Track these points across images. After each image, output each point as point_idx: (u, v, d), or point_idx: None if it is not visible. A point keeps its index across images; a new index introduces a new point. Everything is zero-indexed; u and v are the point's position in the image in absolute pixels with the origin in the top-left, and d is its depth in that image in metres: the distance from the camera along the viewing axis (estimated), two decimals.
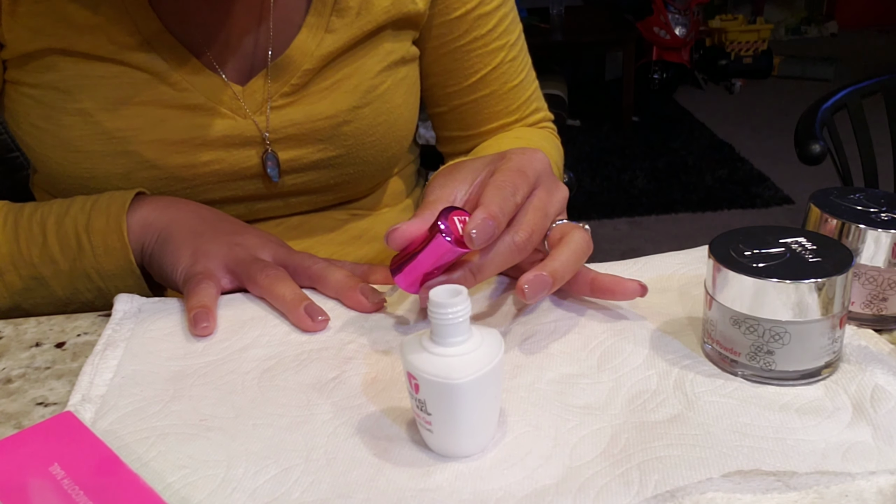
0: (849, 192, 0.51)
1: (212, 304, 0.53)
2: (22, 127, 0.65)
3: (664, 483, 0.37)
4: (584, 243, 0.50)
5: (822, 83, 3.94)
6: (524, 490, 0.38)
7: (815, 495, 0.36)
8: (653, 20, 3.82)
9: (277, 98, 0.66)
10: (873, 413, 0.41)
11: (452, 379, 0.38)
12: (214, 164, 0.65)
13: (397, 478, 0.39)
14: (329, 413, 0.44)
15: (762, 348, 0.44)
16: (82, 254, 0.58)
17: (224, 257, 0.57)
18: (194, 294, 0.53)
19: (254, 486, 0.39)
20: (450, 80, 0.74)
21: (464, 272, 0.47)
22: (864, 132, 1.32)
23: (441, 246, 0.46)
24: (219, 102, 0.65)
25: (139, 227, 0.58)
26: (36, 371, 0.49)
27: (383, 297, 0.54)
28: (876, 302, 0.49)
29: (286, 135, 0.66)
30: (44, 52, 0.61)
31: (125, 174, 0.64)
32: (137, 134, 0.63)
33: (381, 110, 0.69)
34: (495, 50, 0.73)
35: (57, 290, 0.59)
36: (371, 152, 0.70)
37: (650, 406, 0.43)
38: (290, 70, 0.66)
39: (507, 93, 0.76)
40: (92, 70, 0.62)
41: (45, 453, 0.39)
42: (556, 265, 0.47)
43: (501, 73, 0.75)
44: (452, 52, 0.73)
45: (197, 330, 0.51)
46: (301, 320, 0.52)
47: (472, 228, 0.44)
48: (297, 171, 0.68)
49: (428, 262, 0.47)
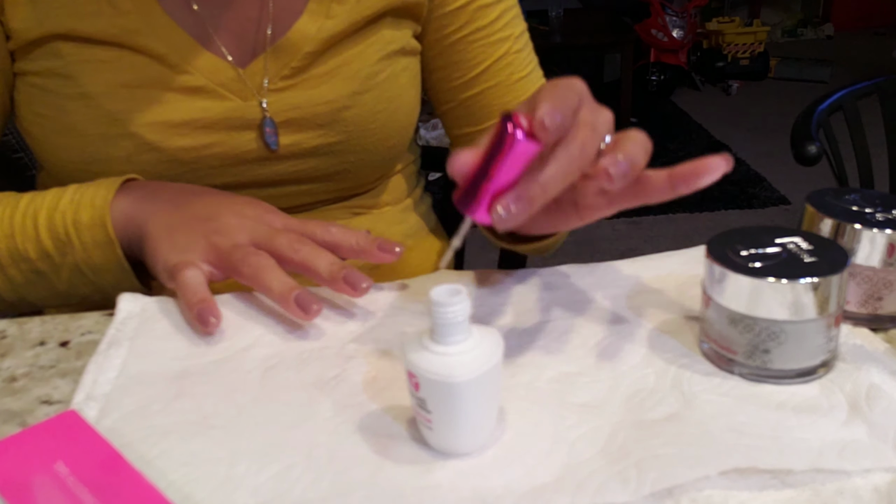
0: (844, 193, 0.52)
1: (207, 294, 0.52)
2: (26, 116, 0.65)
3: (661, 481, 0.38)
4: (644, 137, 0.45)
5: (818, 85, 3.95)
6: (523, 487, 0.38)
7: (811, 493, 0.37)
8: (650, 23, 3.82)
9: (278, 80, 0.66)
10: (868, 411, 0.42)
11: (452, 378, 0.38)
12: (216, 146, 0.66)
13: (398, 475, 0.39)
14: (330, 411, 0.44)
15: (759, 347, 0.44)
16: (72, 249, 0.58)
17: (202, 250, 0.55)
18: (186, 288, 0.52)
19: (256, 483, 0.39)
20: (454, 73, 0.74)
21: (533, 186, 0.42)
22: (859, 133, 1.33)
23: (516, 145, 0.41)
24: (220, 84, 0.65)
25: (122, 221, 0.58)
26: (40, 369, 0.49)
27: (370, 281, 0.53)
28: (871, 301, 0.49)
29: (286, 118, 0.67)
30: (47, 39, 0.62)
31: (126, 157, 0.64)
32: (139, 117, 0.63)
33: (382, 98, 0.69)
34: (498, 41, 0.73)
35: (56, 284, 0.59)
36: (372, 140, 0.70)
37: (648, 404, 0.43)
38: (290, 52, 0.66)
39: (514, 84, 0.75)
40: (93, 54, 0.63)
41: (50, 451, 0.39)
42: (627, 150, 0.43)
43: (507, 65, 0.74)
44: (454, 43, 0.73)
45: (207, 328, 0.50)
46: (294, 312, 0.51)
47: (543, 114, 0.40)
48: (298, 157, 0.69)
49: (502, 171, 0.41)
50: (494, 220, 0.42)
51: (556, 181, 0.43)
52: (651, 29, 3.82)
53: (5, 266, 0.59)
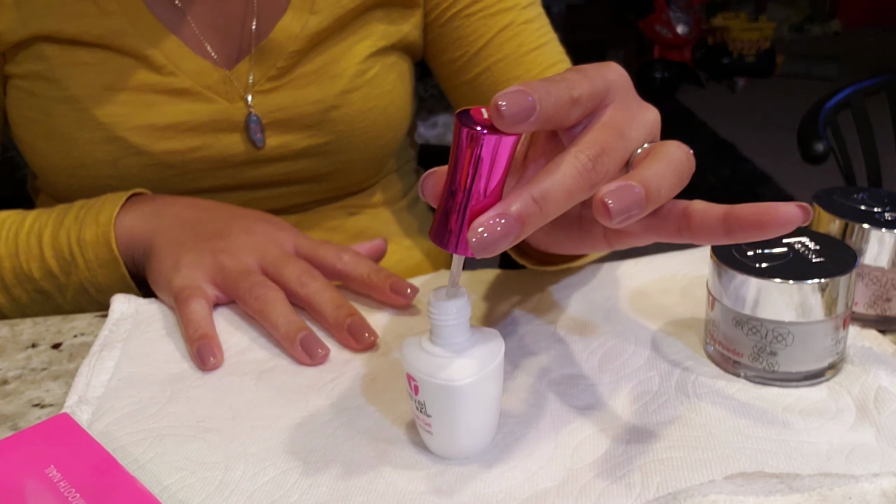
0: (852, 192, 0.51)
1: (210, 329, 0.50)
2: (14, 120, 0.65)
3: (666, 485, 0.37)
4: (682, 155, 0.36)
5: (825, 82, 3.93)
6: (525, 492, 0.37)
7: (819, 497, 0.36)
8: (655, 18, 3.81)
9: (264, 82, 0.65)
10: (877, 415, 0.41)
11: (452, 381, 0.37)
12: (202, 149, 0.65)
13: (397, 480, 0.38)
14: (328, 415, 0.43)
15: (765, 349, 0.43)
16: (77, 268, 0.56)
17: (208, 269, 0.53)
18: (189, 321, 0.50)
19: (252, 488, 0.38)
20: (457, 52, 0.71)
21: (524, 200, 0.33)
22: (867, 131, 1.32)
23: (477, 145, 0.32)
24: (206, 87, 0.64)
25: (126, 237, 0.56)
26: (32, 372, 0.49)
27: (375, 335, 0.50)
28: (880, 302, 0.49)
29: (273, 119, 0.66)
30: (32, 41, 0.62)
31: (113, 161, 0.63)
32: (124, 120, 0.62)
33: (371, 95, 0.68)
34: (500, 12, 0.69)
35: (62, 304, 0.58)
36: (362, 139, 0.69)
37: (652, 408, 0.43)
38: (275, 53, 0.65)
39: (523, 56, 0.69)
40: (78, 57, 0.62)
41: (42, 455, 0.38)
42: (647, 174, 0.34)
43: (513, 35, 0.70)
44: (451, 19, 0.70)
45: (205, 367, 0.47)
46: (299, 356, 0.48)
47: (500, 98, 0.32)
48: (287, 159, 0.67)
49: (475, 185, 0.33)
50: (473, 247, 0.32)
51: (557, 198, 0.33)
52: (655, 25, 3.81)
53: (10, 286, 0.58)
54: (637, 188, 0.33)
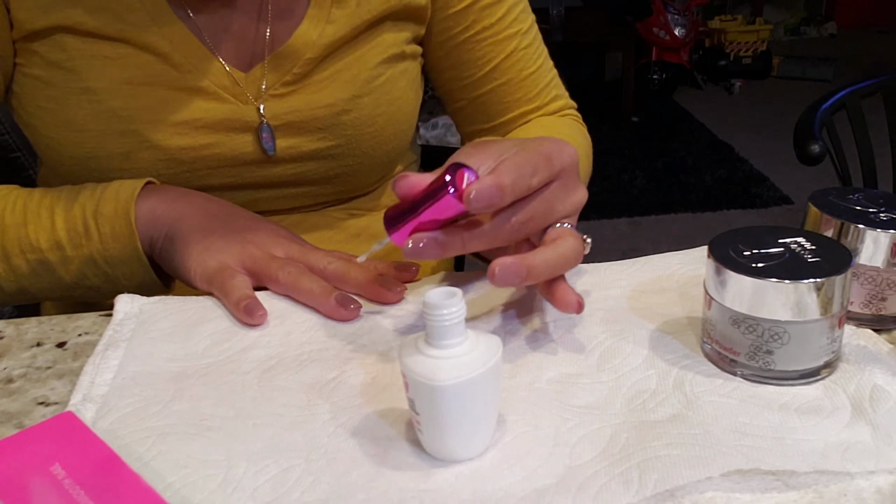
0: (848, 193, 0.51)
1: (254, 294, 0.54)
2: (27, 109, 0.65)
3: (663, 482, 0.37)
4: (573, 251, 0.47)
5: (821, 84, 3.94)
6: (524, 490, 0.38)
7: (814, 494, 0.36)
8: (652, 21, 3.82)
9: (279, 86, 0.67)
10: (872, 413, 0.42)
11: (435, 381, 0.37)
12: (214, 147, 0.66)
13: (397, 478, 0.39)
14: (329, 413, 0.44)
15: (761, 348, 0.44)
16: (89, 239, 0.58)
17: (238, 255, 0.57)
18: (234, 289, 0.54)
19: (254, 485, 0.39)
20: (464, 72, 0.74)
21: (454, 237, 0.45)
22: (863, 133, 1.33)
23: (443, 197, 0.43)
24: (221, 87, 0.66)
25: (147, 218, 0.59)
26: (37, 371, 0.49)
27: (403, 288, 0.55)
28: (875, 302, 0.49)
29: (285, 121, 0.67)
30: (51, 31, 0.62)
31: (126, 154, 0.64)
32: (140, 114, 0.63)
33: (381, 101, 0.69)
34: (507, 38, 0.73)
35: (63, 276, 0.59)
36: (370, 143, 0.70)
37: (650, 406, 0.43)
38: (292, 59, 0.66)
39: (523, 80, 0.75)
40: (99, 50, 0.63)
41: (46, 453, 0.39)
42: (535, 261, 0.45)
43: (517, 61, 0.74)
44: (462, 43, 0.73)
45: (254, 319, 0.52)
46: (333, 311, 0.52)
47: (474, 190, 0.42)
48: (296, 161, 0.69)
49: (425, 212, 0.44)
50: (404, 250, 0.45)
51: (480, 243, 0.46)
52: (653, 27, 3.81)
53: (11, 255, 0.59)
54: (523, 270, 0.44)
